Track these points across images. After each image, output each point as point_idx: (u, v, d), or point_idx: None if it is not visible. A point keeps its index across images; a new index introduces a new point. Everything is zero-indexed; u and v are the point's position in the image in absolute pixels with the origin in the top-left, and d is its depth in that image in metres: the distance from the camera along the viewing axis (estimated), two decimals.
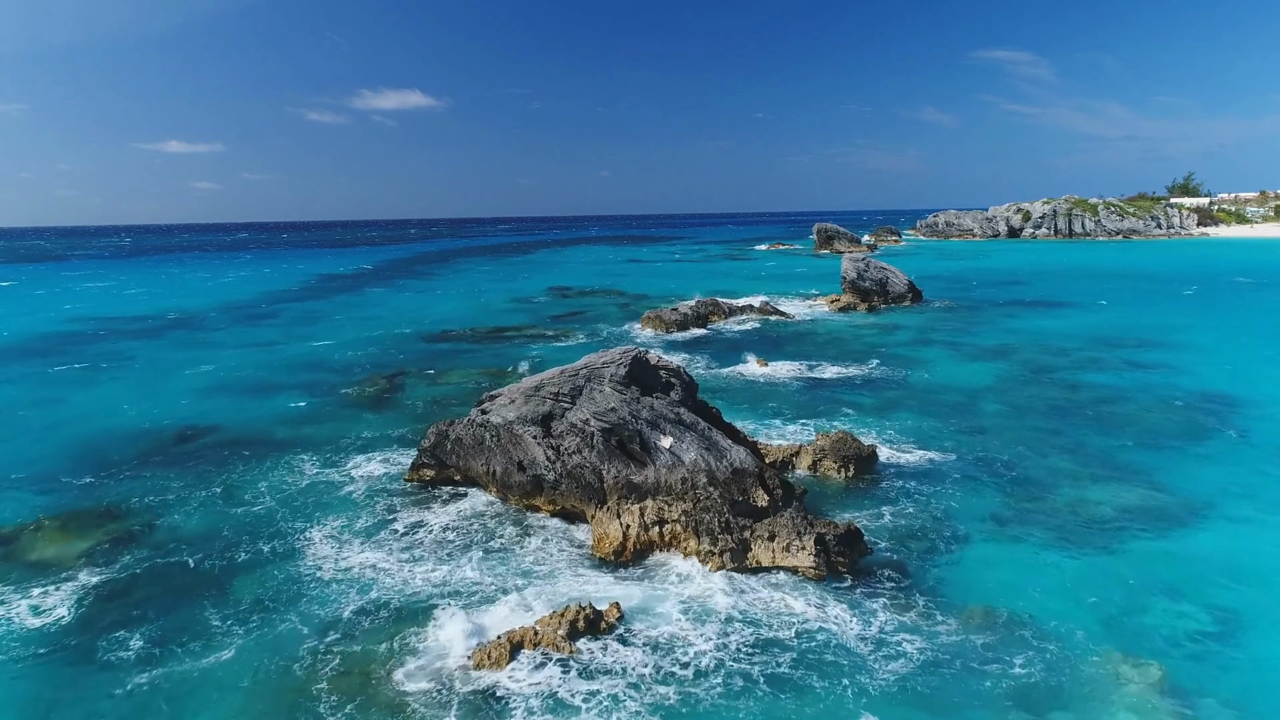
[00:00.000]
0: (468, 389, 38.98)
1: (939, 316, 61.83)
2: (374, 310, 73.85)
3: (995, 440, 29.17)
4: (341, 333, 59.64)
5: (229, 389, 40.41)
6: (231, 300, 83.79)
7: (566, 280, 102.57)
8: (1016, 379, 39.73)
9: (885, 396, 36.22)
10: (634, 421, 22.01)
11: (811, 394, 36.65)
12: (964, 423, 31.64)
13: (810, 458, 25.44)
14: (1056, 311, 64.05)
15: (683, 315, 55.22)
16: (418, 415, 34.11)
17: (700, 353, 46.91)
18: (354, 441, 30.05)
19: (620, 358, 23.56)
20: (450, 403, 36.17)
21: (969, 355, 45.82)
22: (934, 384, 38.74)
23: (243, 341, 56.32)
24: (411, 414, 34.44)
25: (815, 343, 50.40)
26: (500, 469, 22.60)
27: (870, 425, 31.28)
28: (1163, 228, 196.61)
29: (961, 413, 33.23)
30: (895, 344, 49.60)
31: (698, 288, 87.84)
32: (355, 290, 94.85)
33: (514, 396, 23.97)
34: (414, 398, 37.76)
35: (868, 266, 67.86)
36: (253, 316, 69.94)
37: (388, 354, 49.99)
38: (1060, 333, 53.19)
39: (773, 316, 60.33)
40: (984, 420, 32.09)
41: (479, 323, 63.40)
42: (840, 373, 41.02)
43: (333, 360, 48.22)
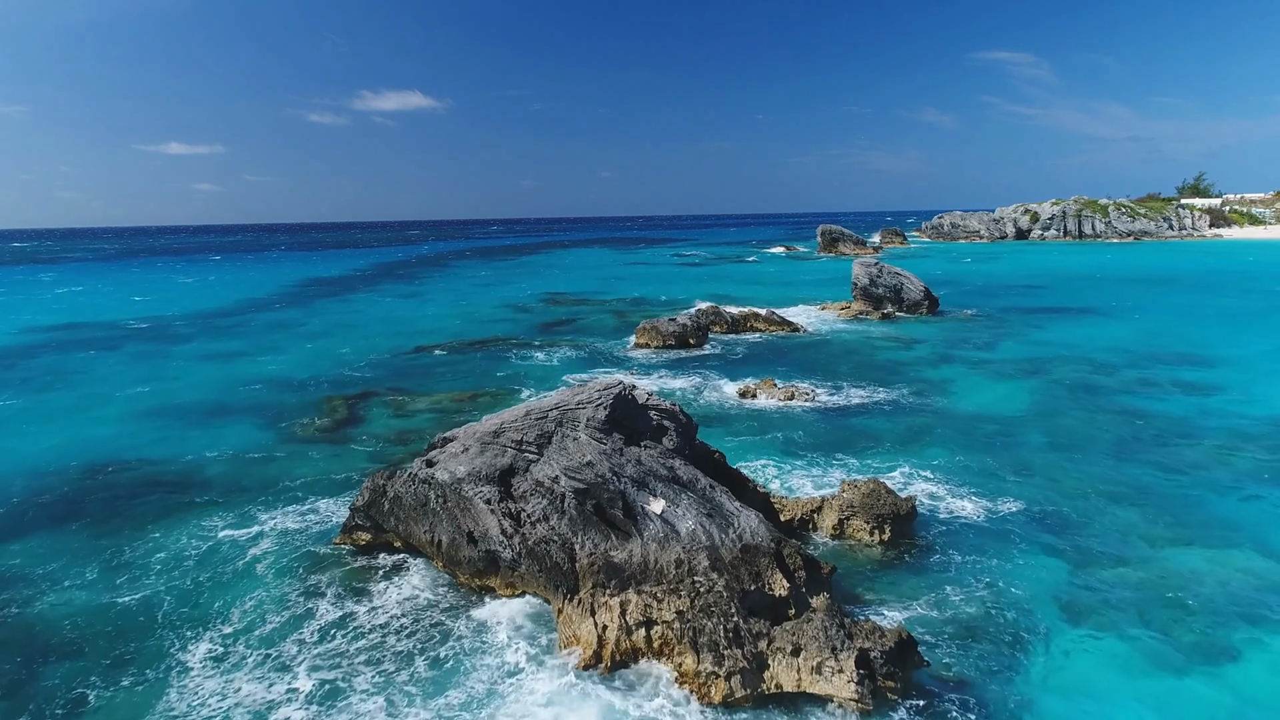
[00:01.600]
0: (435, 417, 34.29)
1: (959, 327, 57.09)
2: (352, 319, 69.19)
3: (1049, 486, 24.44)
4: (311, 345, 54.98)
5: (166, 414, 35.71)
6: (205, 307, 79.12)
7: (561, 285, 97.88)
8: (1057, 403, 35.01)
9: (912, 425, 31.50)
10: (616, 479, 17.32)
11: (828, 423, 31.93)
12: (1008, 461, 26.92)
13: (836, 515, 20.73)
14: (1085, 321, 59.30)
15: (681, 327, 50.52)
16: (370, 453, 29.40)
17: (700, 371, 42.19)
18: (288, 488, 25.32)
19: (600, 396, 18.86)
20: (411, 437, 31.45)
21: (1000, 374, 41.07)
22: (966, 409, 34.03)
23: (202, 354, 51.67)
24: (364, 450, 29.72)
25: (828, 358, 45.66)
26: (446, 539, 17.89)
27: (899, 463, 26.57)
28: (1175, 229, 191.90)
29: (1003, 447, 28.51)
30: (916, 360, 44.87)
31: (698, 293, 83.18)
32: (338, 296, 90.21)
33: (468, 443, 19.26)
34: (372, 429, 33.04)
35: (880, 272, 63.13)
36: (221, 326, 65.26)
37: (356, 371, 45.33)
38: (1094, 346, 48.45)
39: (780, 328, 55.61)
40: (1031, 457, 27.36)
41: (461, 333, 58.72)
42: (859, 396, 36.29)
43: (293, 378, 43.57)
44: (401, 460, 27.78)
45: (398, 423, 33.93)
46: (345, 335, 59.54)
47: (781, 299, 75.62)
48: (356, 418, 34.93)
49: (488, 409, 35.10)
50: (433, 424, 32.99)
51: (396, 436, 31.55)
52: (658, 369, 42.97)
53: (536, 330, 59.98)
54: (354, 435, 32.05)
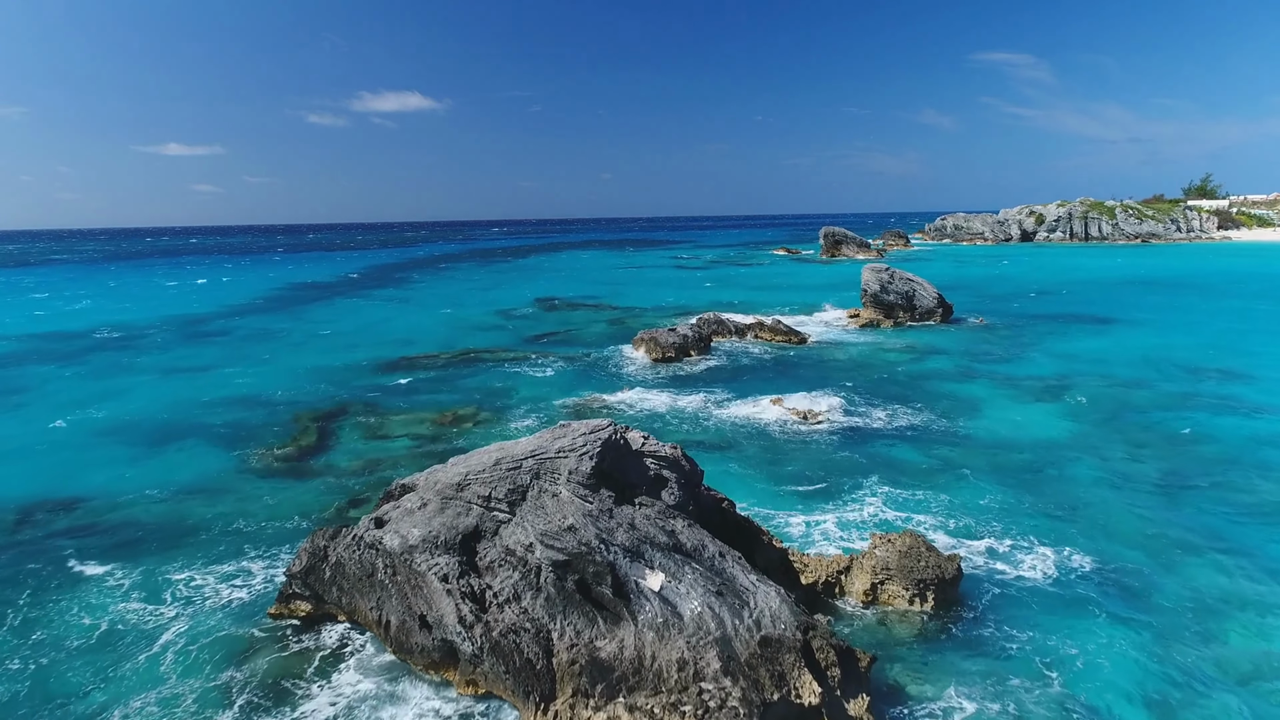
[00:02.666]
0: (411, 444, 30.99)
1: (976, 336, 53.81)
2: (337, 326, 65.87)
3: (1106, 534, 21.15)
4: (289, 356, 51.68)
5: (112, 440, 32.40)
6: (184, 313, 75.79)
7: (556, 289, 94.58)
8: (1096, 426, 31.75)
9: (940, 455, 28.21)
10: (604, 548, 14.05)
11: (846, 450, 28.64)
12: (1054, 500, 23.63)
13: (868, 577, 17.44)
14: (1108, 330, 56.02)
15: (681, 337, 47.24)
16: (333, 489, 26.07)
17: (701, 387, 38.89)
18: (227, 536, 22.00)
19: (585, 442, 15.55)
20: (382, 466, 28.14)
21: (1028, 392, 37.78)
22: (996, 434, 30.76)
23: (170, 367, 48.35)
24: (325, 485, 26.39)
25: (840, 373, 42.37)
26: (396, 621, 14.60)
27: (931, 503, 23.30)
28: (1183, 231, 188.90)
29: (1046, 483, 25.23)
30: (935, 375, 41.58)
31: (698, 299, 79.95)
32: (325, 301, 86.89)
33: (427, 496, 15.97)
34: (339, 457, 29.73)
35: (892, 278, 59.85)
36: (198, 334, 61.93)
37: (332, 385, 42.05)
38: (1123, 358, 45.18)
39: (786, 338, 52.32)
40: (1078, 496, 24.08)
41: (450, 343, 55.42)
42: (877, 418, 33.00)
43: (263, 393, 40.28)
44: (366, 499, 24.51)
45: (369, 448, 30.62)
46: (327, 344, 56.27)
47: (786, 304, 72.37)
48: (324, 442, 31.64)
49: (470, 434, 31.84)
50: (407, 452, 29.69)
51: (365, 467, 28.24)
52: (656, 384, 39.68)
53: (529, 340, 56.69)
54: (318, 466, 28.74)
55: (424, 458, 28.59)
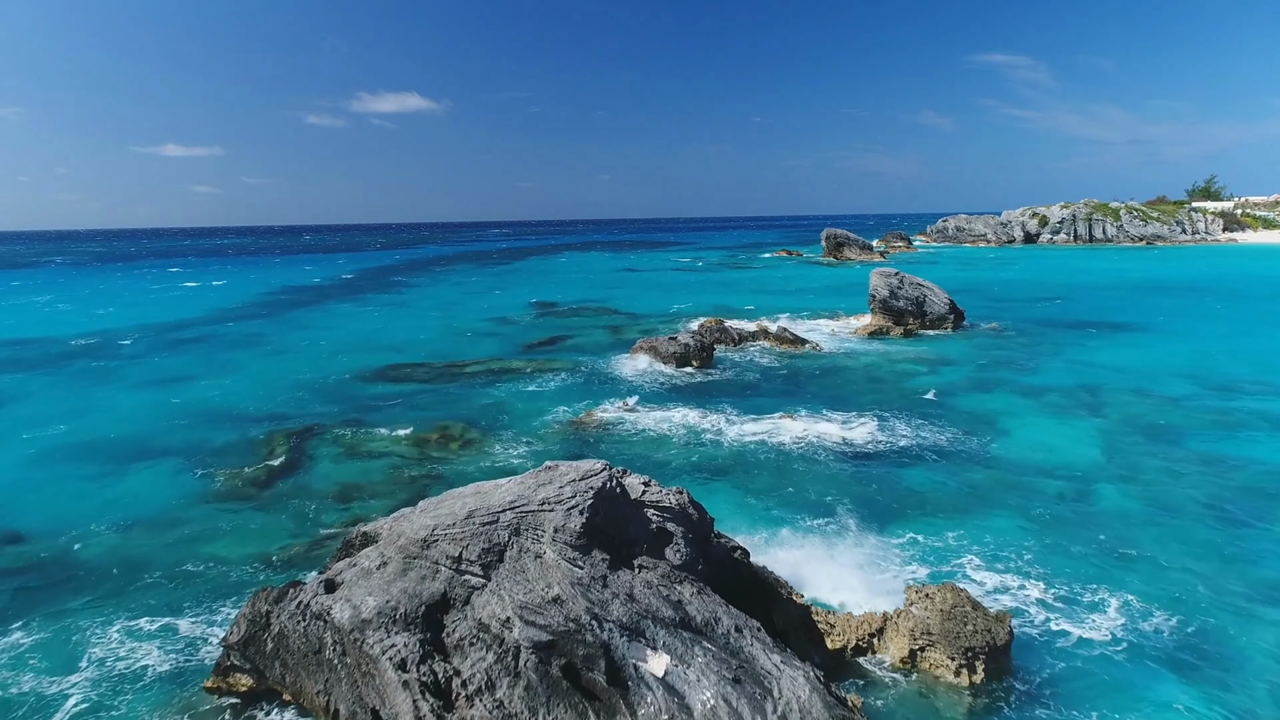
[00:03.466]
0: (391, 465, 28.51)
1: (990, 345, 51.39)
2: (325, 333, 63.38)
3: (1168, 583, 18.70)
4: (272, 364, 49.23)
5: (69, 460, 29.92)
6: (168, 319, 73.24)
7: (554, 293, 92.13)
8: (1130, 446, 29.34)
9: (967, 481, 25.78)
10: (596, 626, 11.61)
11: (864, 476, 26.19)
12: (1102, 538, 21.20)
13: (905, 641, 14.99)
14: (1128, 338, 53.59)
15: (683, 347, 44.79)
16: (300, 520, 23.60)
17: (704, 401, 36.44)
18: (173, 581, 19.51)
19: (574, 492, 13.09)
20: (356, 494, 25.67)
21: (1051, 407, 35.35)
22: (1025, 456, 28.31)
23: (144, 378, 45.86)
24: (293, 516, 23.91)
25: (851, 385, 39.94)
26: (345, 711, 12.12)
27: (966, 542, 20.86)
28: (1188, 233, 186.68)
29: (1088, 516, 22.80)
30: (952, 388, 39.15)
31: (699, 303, 77.54)
32: (315, 306, 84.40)
33: (387, 553, 13.51)
34: (312, 480, 27.24)
35: (902, 283, 57.42)
36: (178, 341, 59.42)
37: (314, 396, 39.61)
38: (1149, 370, 42.75)
39: (792, 346, 49.90)
40: (1127, 532, 21.65)
41: (438, 353, 52.96)
42: (896, 437, 30.56)
43: (239, 407, 37.82)
44: (332, 537, 22.05)
45: (344, 472, 28.14)
46: (313, 352, 53.81)
47: (790, 309, 69.96)
48: (297, 463, 29.16)
49: (455, 457, 29.38)
50: (385, 478, 27.22)
51: (337, 495, 25.76)
52: (656, 398, 37.23)
53: (524, 348, 54.22)
54: (287, 490, 26.25)
55: (402, 486, 26.16)
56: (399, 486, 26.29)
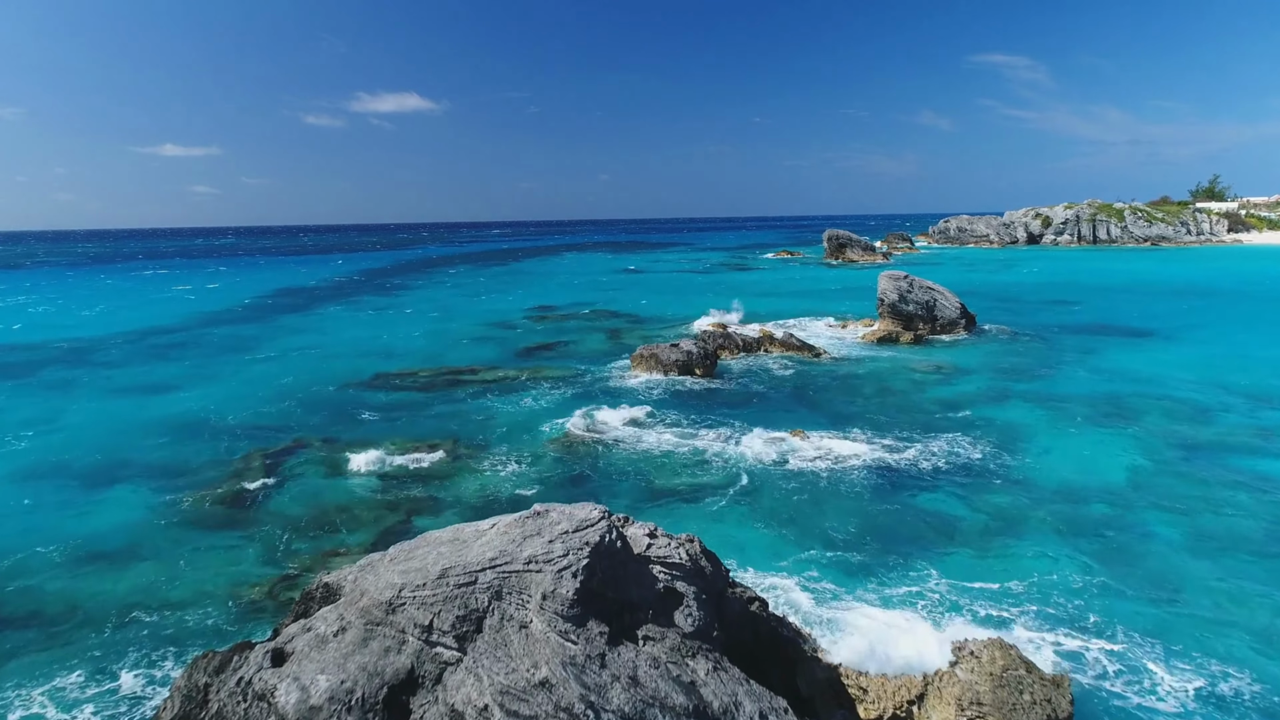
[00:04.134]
0: (371, 487, 26.45)
1: (1005, 351, 49.38)
2: (314, 338, 61.32)
3: (1239, 635, 16.67)
4: (256, 373, 47.18)
5: (30, 480, 27.82)
6: (153, 323, 71.13)
7: (552, 296, 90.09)
8: (1167, 467, 27.33)
9: (997, 508, 23.76)
10: (593, 714, 9.56)
11: (884, 499, 24.16)
12: (1153, 580, 19.17)
13: (951, 711, 12.95)
14: (1147, 344, 51.56)
15: (685, 354, 42.75)
16: (266, 549, 21.55)
17: (709, 413, 34.40)
18: (120, 627, 17.42)
19: (567, 549, 11.02)
20: (331, 521, 23.60)
21: (1075, 420, 33.33)
22: (1056, 477, 26.29)
23: (121, 386, 43.82)
24: (258, 547, 21.84)
25: (863, 396, 37.90)
26: None
27: (1002, 582, 18.83)
28: (1193, 234, 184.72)
29: (1134, 552, 20.75)
30: (969, 398, 37.13)
31: (701, 306, 75.38)
32: (307, 309, 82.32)
33: (348, 618, 11.47)
34: (287, 503, 25.16)
35: (911, 286, 55.41)
36: (160, 347, 57.33)
37: (297, 408, 37.58)
38: (1172, 378, 40.74)
39: (799, 353, 47.88)
40: (1181, 571, 19.62)
41: (433, 358, 50.93)
42: (914, 455, 28.52)
43: (217, 419, 35.78)
44: (303, 573, 19.99)
45: (321, 493, 26.08)
46: (301, 359, 51.76)
47: (794, 313, 67.94)
48: (273, 485, 27.09)
49: (440, 479, 27.31)
50: (364, 502, 25.16)
51: (314, 521, 23.70)
52: (657, 411, 35.19)
53: (519, 354, 52.18)
54: (259, 517, 24.19)
55: (381, 512, 24.12)
56: (378, 512, 24.25)
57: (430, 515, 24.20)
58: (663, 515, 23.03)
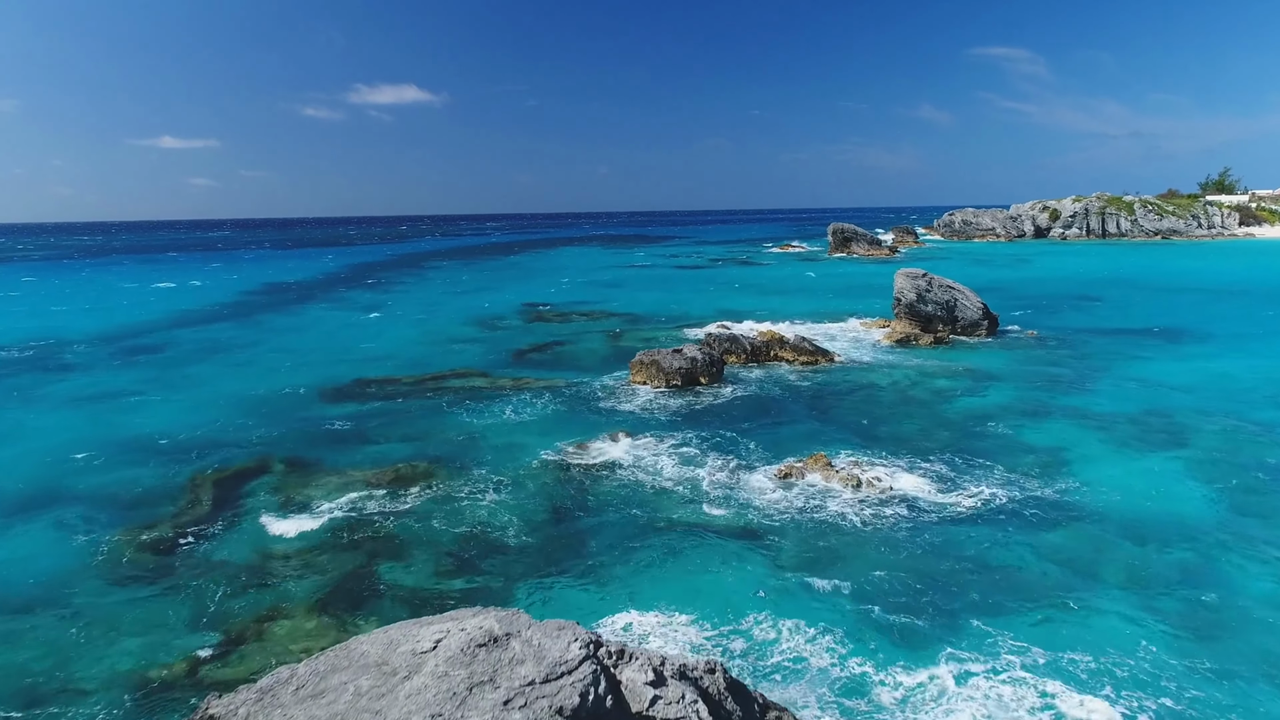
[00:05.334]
0: (327, 524, 22.90)
1: (1032, 357, 45.83)
2: (293, 339, 57.77)
3: None
4: (225, 380, 43.65)
5: None
6: (126, 322, 67.52)
7: (547, 293, 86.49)
8: (1243, 499, 23.84)
9: (1058, 555, 20.27)
10: None
11: (924, 545, 20.66)
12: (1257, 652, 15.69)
13: None
14: (1186, 349, 48.00)
15: (689, 361, 39.20)
16: (189, 612, 18.02)
17: (715, 435, 30.89)
18: None
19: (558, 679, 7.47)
20: (272, 576, 20.07)
21: (1127, 441, 29.80)
22: (1118, 515, 22.78)
23: (76, 395, 40.26)
24: (180, 610, 18.30)
25: (886, 411, 34.39)
26: None
27: (1082, 657, 15.35)
28: (1204, 227, 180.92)
29: (1226, 616, 17.26)
30: (1002, 413, 33.61)
31: (703, 304, 71.93)
32: (292, 307, 78.73)
33: None
34: (225, 550, 21.63)
35: (930, 285, 51.82)
36: (129, 350, 53.76)
37: (259, 425, 34.04)
38: (1223, 389, 37.27)
39: (811, 358, 44.33)
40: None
41: (417, 362, 47.41)
42: (951, 486, 25.02)
43: (171, 437, 32.27)
44: (226, 653, 16.48)
45: (275, 530, 22.58)
46: (275, 364, 48.22)
47: (802, 312, 64.40)
48: (217, 520, 23.60)
49: (412, 506, 23.80)
50: (325, 538, 21.64)
51: (258, 568, 20.21)
52: (658, 428, 31.71)
53: (510, 358, 48.64)
54: (195, 563, 20.69)
55: (340, 553, 20.64)
56: (336, 556, 20.76)
57: (395, 560, 20.75)
58: (659, 575, 19.56)
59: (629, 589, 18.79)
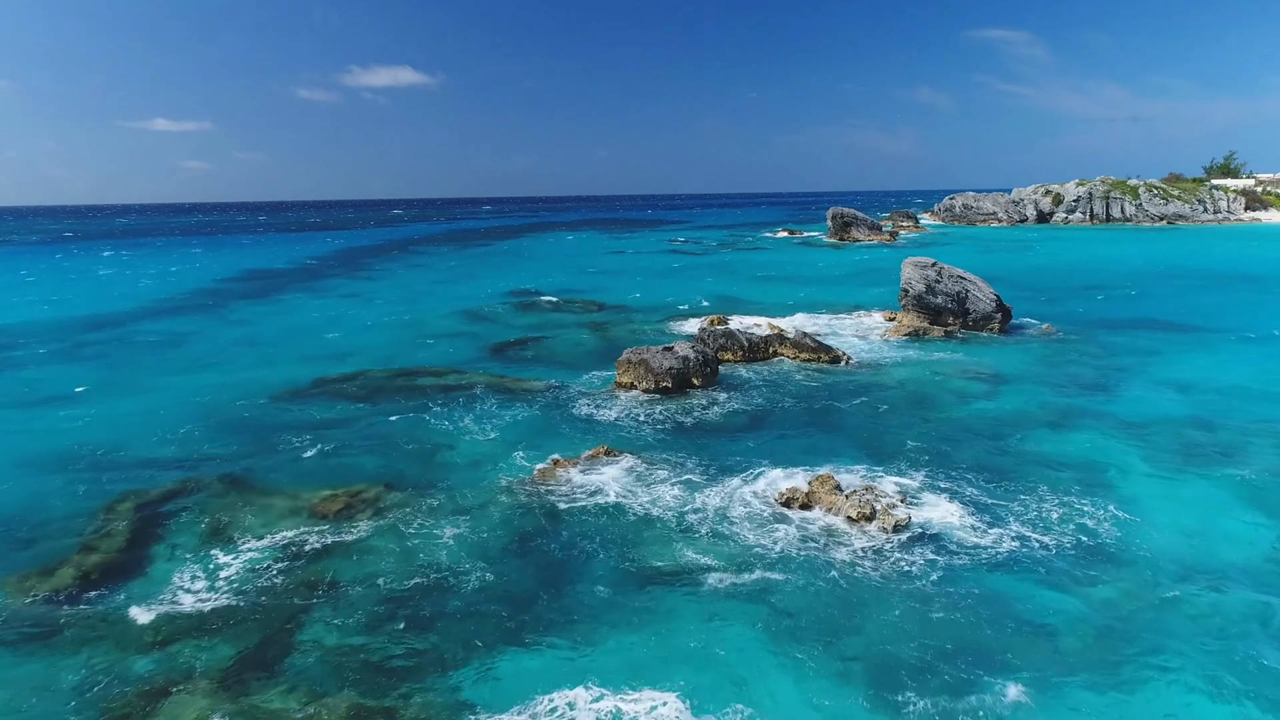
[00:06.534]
0: (258, 568, 19.57)
1: (1051, 354, 42.53)
2: (259, 332, 54.29)
3: None
4: (180, 379, 40.28)
5: None
6: (84, 313, 63.83)
7: (536, 280, 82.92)
8: None
9: (1103, 600, 17.07)
10: None
11: (953, 601, 17.40)
12: None
13: None
14: (1217, 346, 44.60)
15: (680, 360, 35.81)
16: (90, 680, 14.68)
17: (710, 450, 27.57)
18: None
19: None
20: (175, 636, 16.71)
21: (1168, 456, 26.54)
22: (1169, 553, 19.56)
23: (16, 396, 36.83)
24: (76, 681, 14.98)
25: (898, 419, 31.07)
26: None
27: None
28: (1210, 212, 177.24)
29: None
30: (1025, 421, 30.33)
31: (698, 294, 68.50)
32: (266, 296, 75.09)
33: None
34: (129, 605, 18.26)
35: (940, 275, 48.40)
36: (78, 345, 50.23)
37: (204, 435, 30.71)
38: (1272, 394, 34.03)
39: (814, 356, 40.98)
40: None
41: (388, 357, 44.04)
42: (973, 507, 21.75)
43: (101, 448, 28.93)
44: None
45: (191, 575, 19.26)
46: (237, 360, 44.83)
47: (803, 302, 61.03)
48: (129, 557, 20.31)
49: (358, 542, 20.50)
50: (246, 587, 18.29)
51: (163, 627, 16.90)
52: (643, 442, 28.40)
53: (489, 354, 45.24)
54: (92, 620, 17.34)
55: (262, 608, 17.27)
56: (251, 611, 17.45)
57: (327, 616, 17.47)
58: (632, 640, 16.28)
59: (596, 658, 15.55)
